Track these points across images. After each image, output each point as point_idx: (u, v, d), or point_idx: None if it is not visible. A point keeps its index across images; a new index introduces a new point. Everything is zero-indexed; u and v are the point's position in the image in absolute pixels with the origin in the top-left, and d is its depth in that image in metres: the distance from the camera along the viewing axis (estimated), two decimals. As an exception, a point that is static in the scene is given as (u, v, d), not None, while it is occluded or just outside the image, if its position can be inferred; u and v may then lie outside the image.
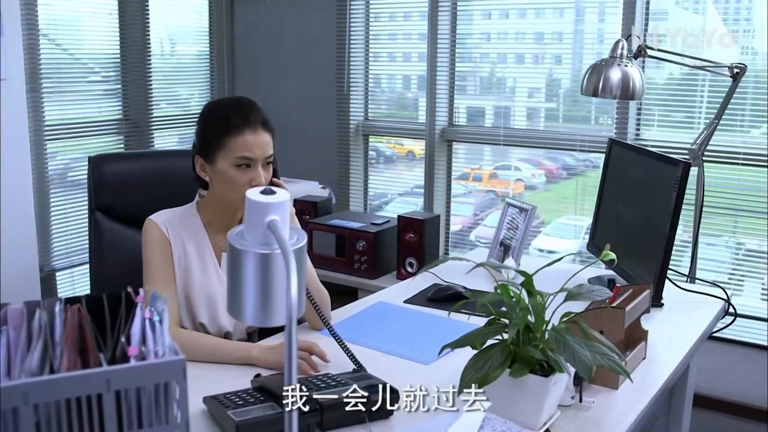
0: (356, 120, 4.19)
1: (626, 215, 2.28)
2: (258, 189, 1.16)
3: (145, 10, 4.00)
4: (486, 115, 3.93)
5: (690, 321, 2.09)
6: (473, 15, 3.84)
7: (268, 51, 4.38)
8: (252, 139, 1.81)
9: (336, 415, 1.44)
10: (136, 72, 4.02)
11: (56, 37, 3.70)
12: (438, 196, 3.97)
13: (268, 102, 4.38)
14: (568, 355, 1.31)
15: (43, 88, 3.55)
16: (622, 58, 2.52)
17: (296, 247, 1.16)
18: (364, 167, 4.24)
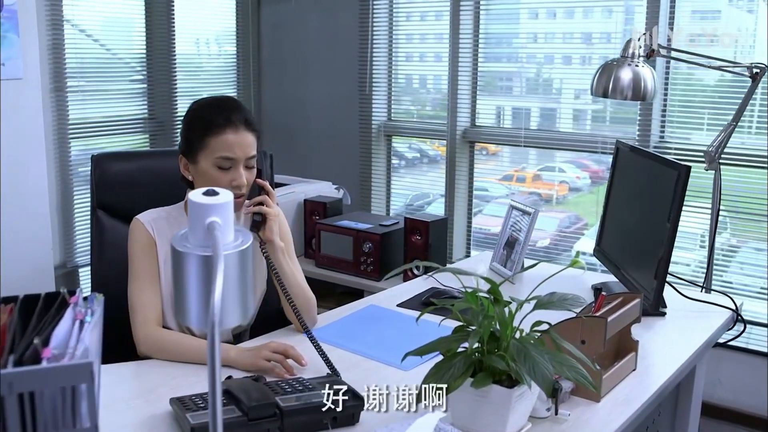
0: (379, 120, 4.16)
1: (630, 220, 2.20)
2: (201, 190, 1.15)
3: (170, 10, 4.04)
4: (532, 116, 3.84)
5: (692, 331, 2.01)
6: (520, 15, 3.76)
7: (293, 51, 4.38)
8: (233, 139, 1.79)
9: (297, 421, 1.41)
10: (162, 71, 4.06)
11: (82, 37, 3.76)
12: (459, 197, 3.92)
13: (293, 102, 4.42)
14: (527, 367, 1.26)
15: (68, 88, 3.61)
16: (633, 57, 2.44)
17: (238, 249, 1.15)
18: (387, 168, 4.21)
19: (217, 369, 1.03)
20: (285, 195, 3.27)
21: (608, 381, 1.62)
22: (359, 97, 4.14)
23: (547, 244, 3.79)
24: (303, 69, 4.36)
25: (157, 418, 1.47)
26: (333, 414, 1.44)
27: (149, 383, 1.66)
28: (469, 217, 3.95)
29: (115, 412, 1.51)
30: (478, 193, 3.97)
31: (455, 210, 3.91)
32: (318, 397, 1.45)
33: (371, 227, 3.06)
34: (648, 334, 1.96)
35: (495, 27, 3.82)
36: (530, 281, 2.41)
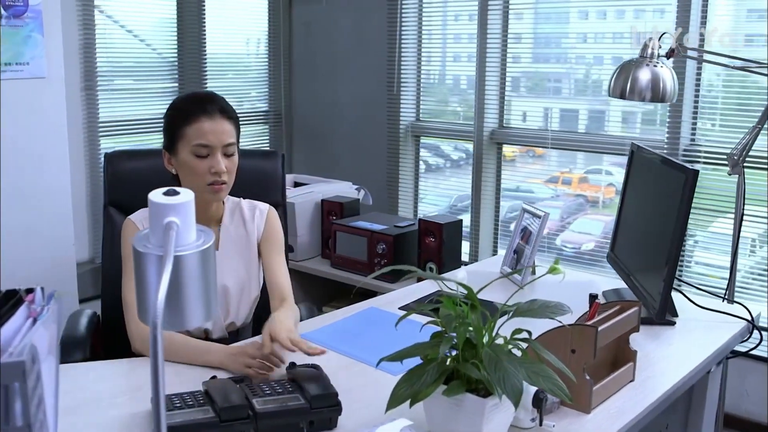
0: (407, 120, 4.13)
1: (641, 226, 2.14)
2: (161, 190, 1.14)
3: (201, 11, 4.08)
4: (580, 119, 3.75)
5: (701, 342, 1.94)
6: (570, 15, 3.69)
7: (323, 51, 4.39)
8: (208, 126, 1.81)
9: (272, 424, 1.40)
10: (193, 71, 4.11)
11: (114, 38, 3.82)
12: (486, 198, 3.87)
13: (322, 102, 4.42)
14: (497, 377, 1.22)
15: (98, 87, 3.67)
16: (652, 57, 2.37)
17: (199, 249, 1.14)
18: (415, 168, 4.18)
19: (161, 370, 1.02)
20: (302, 195, 3.28)
21: (600, 392, 1.57)
22: (387, 98, 4.12)
23: (592, 248, 3.69)
24: (332, 69, 4.36)
25: (136, 417, 1.48)
26: (309, 418, 1.42)
27: (137, 381, 1.66)
28: (496, 219, 3.90)
29: (97, 408, 1.52)
30: (523, 195, 3.91)
31: (482, 211, 3.85)
32: (295, 401, 1.44)
33: (386, 228, 3.03)
34: (653, 344, 1.90)
35: (544, 27, 3.74)
36: (540, 287, 2.36)
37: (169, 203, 1.12)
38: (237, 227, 1.97)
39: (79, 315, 2.21)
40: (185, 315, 1.15)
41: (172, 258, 1.05)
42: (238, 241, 1.96)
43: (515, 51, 3.78)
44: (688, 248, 3.26)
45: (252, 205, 2.00)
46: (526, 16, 3.76)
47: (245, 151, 2.71)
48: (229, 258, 1.94)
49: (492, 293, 2.22)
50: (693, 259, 3.29)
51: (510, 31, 3.73)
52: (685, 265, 3.27)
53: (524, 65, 3.83)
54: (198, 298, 1.15)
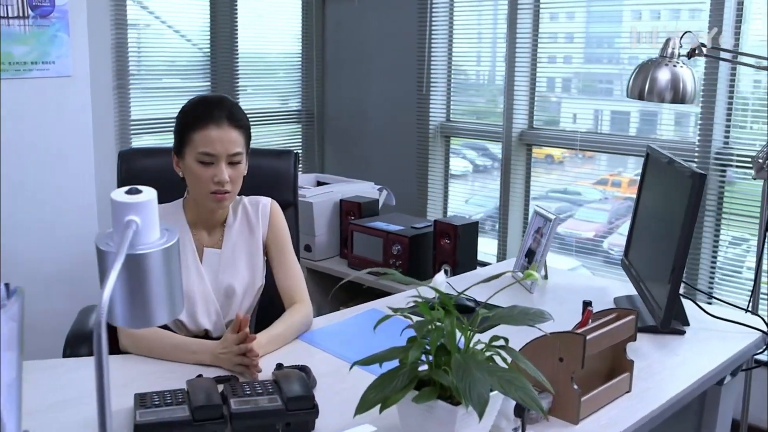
0: (436, 121, 4.10)
1: (653, 231, 2.07)
2: (123, 189, 1.15)
3: (233, 11, 4.11)
4: (631, 121, 3.65)
5: (709, 352, 1.86)
6: (623, 14, 3.60)
7: (355, 50, 4.38)
8: (215, 134, 1.80)
9: (246, 425, 1.39)
10: (225, 70, 4.14)
11: (146, 36, 3.88)
12: (515, 200, 3.81)
13: (353, 101, 4.41)
14: (464, 384, 1.19)
15: (130, 85, 3.73)
16: (672, 57, 2.29)
17: (161, 248, 1.14)
18: (444, 168, 4.15)
19: (105, 368, 1.03)
20: (322, 194, 3.27)
21: (590, 402, 1.52)
22: (417, 98, 4.09)
23: None
24: (363, 69, 4.35)
25: (117, 413, 1.48)
26: (285, 419, 1.41)
27: (125, 377, 1.67)
28: (525, 220, 3.83)
29: (81, 404, 1.53)
30: (570, 197, 3.84)
31: (510, 213, 3.80)
32: (272, 402, 1.43)
33: (402, 229, 3.00)
34: (658, 354, 1.84)
35: (596, 27, 3.65)
36: (552, 291, 2.31)
37: (130, 202, 1.13)
38: (241, 226, 1.97)
39: (90, 310, 2.24)
40: (149, 313, 1.15)
41: (123, 256, 1.04)
42: (242, 241, 1.96)
43: (567, 51, 3.70)
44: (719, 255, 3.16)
45: (254, 202, 2.00)
46: (578, 16, 3.67)
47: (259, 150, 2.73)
48: (234, 258, 1.94)
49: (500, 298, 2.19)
50: (719, 265, 3.17)
51: (562, 30, 3.66)
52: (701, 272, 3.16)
53: (576, 66, 3.74)
54: (162, 296, 1.15)
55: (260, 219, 1.97)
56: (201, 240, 1.93)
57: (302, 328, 1.91)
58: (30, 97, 2.80)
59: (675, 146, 3.23)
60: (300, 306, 1.93)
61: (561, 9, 3.69)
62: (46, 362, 1.79)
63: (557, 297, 2.25)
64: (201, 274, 1.91)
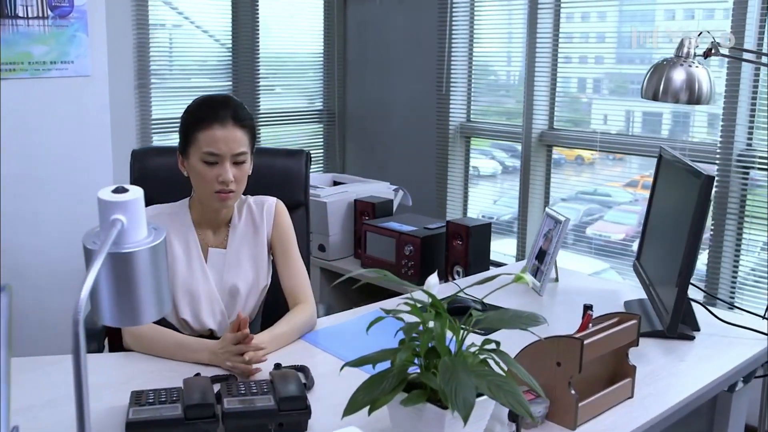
0: (456, 121, 4.08)
1: (664, 234, 2.03)
2: (110, 188, 1.15)
3: (255, 11, 4.13)
4: (663, 122, 3.59)
5: (718, 359, 1.82)
6: (656, 13, 3.54)
7: (376, 50, 4.38)
8: (220, 134, 1.80)
9: (238, 424, 1.39)
10: (246, 69, 4.17)
11: (168, 36, 3.92)
12: (534, 201, 3.78)
13: (374, 101, 4.41)
14: (450, 387, 1.17)
15: (152, 85, 3.77)
16: (688, 57, 2.24)
17: (148, 246, 1.15)
18: (464, 169, 4.12)
19: (84, 367, 1.03)
20: (336, 194, 3.27)
21: (589, 408, 1.50)
22: (436, 98, 4.07)
23: None
24: (385, 68, 4.34)
25: (113, 410, 1.49)
26: (278, 420, 1.41)
27: (126, 375, 1.69)
28: (544, 223, 3.80)
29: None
30: (600, 199, 3.80)
31: (529, 215, 3.76)
32: (265, 402, 1.43)
33: (415, 230, 2.99)
34: (664, 359, 1.80)
35: (628, 27, 3.60)
36: (562, 294, 2.28)
37: (115, 201, 1.13)
38: (246, 226, 1.97)
39: (101, 307, 2.26)
40: (136, 311, 1.16)
41: (104, 255, 1.05)
42: (247, 241, 1.96)
43: (598, 52, 3.64)
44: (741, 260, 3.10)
45: (259, 202, 2.00)
46: (610, 16, 3.62)
47: (270, 149, 2.74)
48: (238, 258, 1.95)
49: (508, 300, 2.17)
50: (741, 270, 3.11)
51: (593, 30, 3.62)
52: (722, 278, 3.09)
53: (607, 66, 3.69)
54: (149, 294, 1.16)
55: (265, 219, 1.98)
56: (206, 240, 1.94)
57: (305, 329, 1.91)
58: (49, 97, 2.84)
59: (697, 148, 3.18)
60: (304, 306, 1.93)
61: (592, 8, 3.63)
62: (54, 357, 1.81)
63: (566, 300, 2.22)
64: (206, 273, 1.91)
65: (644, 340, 1.90)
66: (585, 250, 3.67)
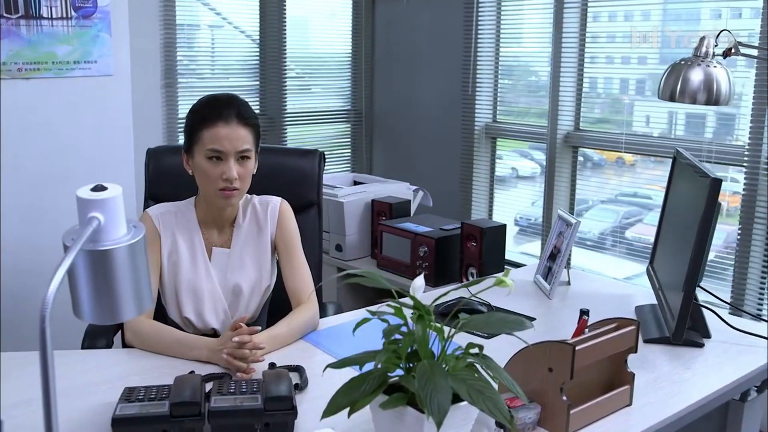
0: (482, 121, 4.04)
1: (675, 238, 1.98)
2: (89, 186, 1.16)
3: (282, 9, 4.15)
4: (707, 124, 3.51)
5: (727, 367, 1.77)
6: (701, 13, 3.47)
7: (403, 49, 4.36)
8: (224, 132, 1.81)
9: (224, 423, 1.39)
10: (273, 69, 4.19)
11: (195, 36, 3.96)
12: (559, 203, 3.72)
13: (400, 101, 4.39)
14: (426, 392, 1.16)
15: (178, 84, 3.81)
16: (707, 57, 2.19)
17: (127, 244, 1.15)
18: (490, 170, 4.08)
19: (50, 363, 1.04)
20: (354, 194, 3.26)
21: (582, 415, 1.46)
22: (462, 98, 4.04)
23: (712, 258, 3.45)
24: (411, 68, 4.33)
25: (108, 406, 1.49)
26: (264, 420, 1.40)
27: (125, 371, 1.71)
28: (569, 226, 3.74)
29: (78, 395, 1.57)
30: (640, 201, 3.73)
31: (554, 217, 3.70)
32: (252, 402, 1.42)
33: (430, 231, 2.97)
34: (669, 366, 1.76)
35: (674, 26, 3.53)
36: (573, 298, 2.24)
37: (92, 199, 1.14)
38: (250, 226, 1.98)
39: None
40: (115, 308, 1.17)
41: (75, 252, 1.06)
42: (250, 240, 1.97)
43: (641, 52, 3.57)
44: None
45: (264, 202, 2.01)
46: (654, 15, 3.54)
47: (283, 148, 2.75)
48: (242, 257, 1.95)
49: (517, 303, 2.14)
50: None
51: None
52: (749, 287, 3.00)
53: (651, 67, 3.61)
54: (128, 291, 1.17)
55: (269, 219, 1.98)
56: (210, 239, 1.95)
57: (306, 329, 1.91)
58: (72, 96, 2.88)
59: (725, 150, 3.10)
60: (306, 307, 1.93)
61: (636, 7, 3.55)
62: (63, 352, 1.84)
63: (576, 304, 2.16)
64: (210, 272, 1.93)
65: (651, 346, 1.87)
66: (624, 253, 3.60)
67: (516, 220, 4.12)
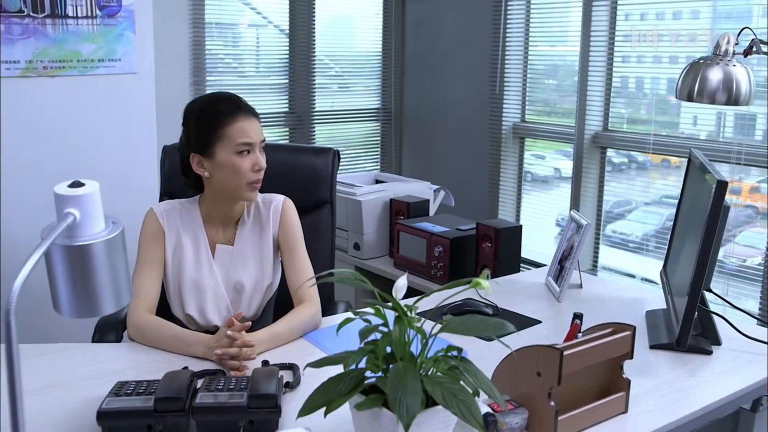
0: (510, 121, 3.99)
1: (686, 241, 1.92)
2: (66, 183, 1.18)
3: (312, 8, 4.16)
4: (757, 126, 3.41)
5: (734, 375, 1.72)
6: (752, 10, 3.38)
7: (432, 48, 4.34)
8: (248, 125, 1.86)
9: (208, 419, 1.40)
10: (302, 68, 4.21)
11: (225, 34, 4.00)
12: (587, 204, 3.66)
13: (430, 99, 4.37)
14: (396, 394, 1.14)
15: (206, 83, 3.86)
16: (726, 55, 2.12)
17: (103, 239, 1.17)
18: (518, 170, 4.04)
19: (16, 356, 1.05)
20: (373, 193, 3.25)
21: (572, 421, 1.43)
22: (490, 97, 4.00)
23: (758, 263, 3.35)
24: (440, 67, 4.30)
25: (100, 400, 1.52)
26: (248, 417, 1.40)
27: (124, 365, 1.73)
28: (597, 226, 3.67)
29: (74, 388, 1.59)
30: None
31: (582, 218, 3.64)
32: (237, 399, 1.43)
33: (446, 231, 2.94)
34: (672, 374, 1.71)
35: (724, 25, 3.44)
36: (581, 300, 2.20)
37: (68, 195, 1.15)
38: (253, 223, 1.99)
39: (128, 298, 2.32)
40: (93, 302, 1.18)
41: (45, 247, 1.07)
42: (253, 238, 1.98)
43: (689, 52, 3.48)
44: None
45: (268, 200, 2.01)
46: (703, 14, 3.46)
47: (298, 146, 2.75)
48: (245, 254, 1.96)
49: (525, 305, 2.11)
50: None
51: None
52: None
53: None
54: (106, 286, 1.18)
55: (272, 217, 1.98)
56: (214, 236, 1.96)
57: (307, 328, 1.90)
58: (97, 93, 2.93)
59: (746, 150, 3.01)
60: (307, 305, 1.93)
61: (685, 6, 3.46)
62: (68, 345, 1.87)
63: (585, 308, 2.12)
64: (213, 269, 1.94)
65: (656, 352, 1.82)
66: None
67: (557, 221, 4.06)
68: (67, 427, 1.43)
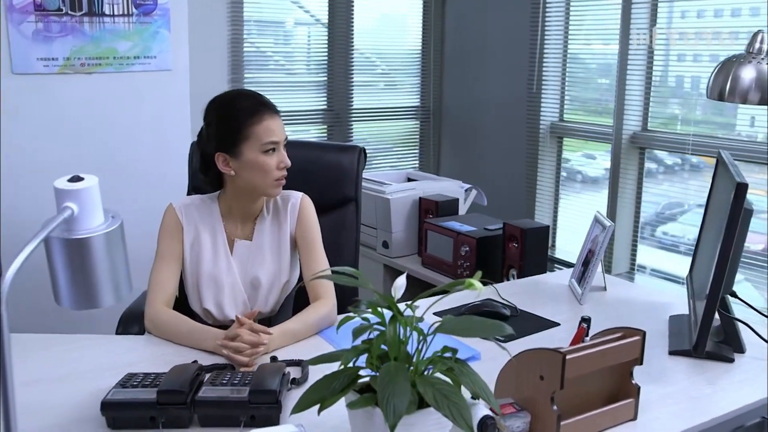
0: (548, 120, 3.94)
1: (709, 245, 1.87)
2: (66, 177, 1.20)
3: (350, 8, 4.17)
4: None
5: (752, 385, 1.65)
6: None
7: (471, 46, 4.31)
8: (273, 124, 1.88)
9: (209, 413, 1.41)
10: (340, 65, 4.22)
11: (264, 31, 4.04)
12: (624, 205, 3.59)
13: (468, 98, 4.34)
14: (384, 394, 1.13)
15: (245, 80, 3.90)
16: (760, 53, 2.06)
17: (101, 233, 1.19)
18: (556, 170, 3.98)
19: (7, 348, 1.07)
20: (402, 191, 3.24)
21: (577, 426, 1.40)
22: (527, 96, 3.95)
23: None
24: (480, 65, 4.27)
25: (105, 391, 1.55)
26: (249, 412, 1.41)
27: (138, 357, 1.75)
28: (635, 228, 3.60)
29: (82, 379, 1.62)
30: None
31: (617, 218, 3.57)
32: (239, 394, 1.44)
33: (473, 230, 2.91)
34: (688, 381, 1.66)
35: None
36: (604, 303, 2.16)
37: (67, 189, 1.17)
38: (272, 220, 2.00)
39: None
40: (93, 295, 1.20)
41: (39, 240, 1.09)
42: (271, 234, 1.99)
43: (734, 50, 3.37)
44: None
45: (286, 196, 2.02)
46: (744, 11, 3.36)
47: (323, 144, 2.76)
48: (262, 250, 1.97)
49: (547, 307, 2.08)
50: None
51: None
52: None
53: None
54: (105, 278, 1.20)
55: (289, 213, 1.99)
56: (233, 232, 1.98)
57: (322, 325, 1.90)
58: (132, 90, 2.99)
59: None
60: (323, 302, 1.93)
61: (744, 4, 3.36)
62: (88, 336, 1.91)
63: (607, 310, 2.09)
64: (231, 264, 1.95)
65: (675, 359, 1.77)
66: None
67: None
68: (72, 418, 1.45)
